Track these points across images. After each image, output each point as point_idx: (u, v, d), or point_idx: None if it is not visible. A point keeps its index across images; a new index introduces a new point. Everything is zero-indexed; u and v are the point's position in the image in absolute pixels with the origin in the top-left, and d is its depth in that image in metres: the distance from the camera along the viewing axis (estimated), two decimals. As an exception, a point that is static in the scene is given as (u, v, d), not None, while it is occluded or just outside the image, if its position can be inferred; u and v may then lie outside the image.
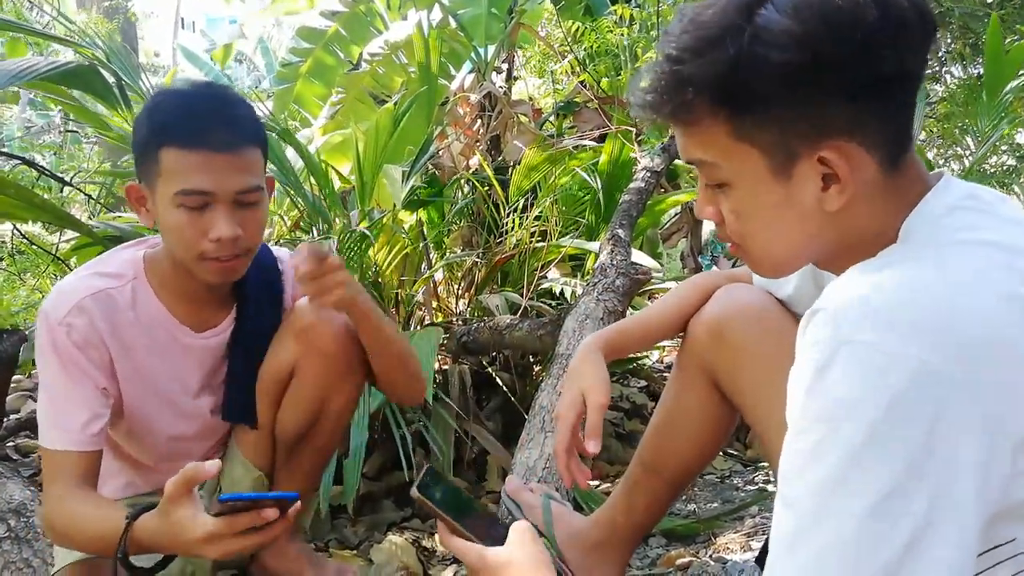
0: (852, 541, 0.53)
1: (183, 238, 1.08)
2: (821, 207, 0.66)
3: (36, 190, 2.97)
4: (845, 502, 0.53)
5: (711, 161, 0.69)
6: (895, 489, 0.52)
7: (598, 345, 1.06)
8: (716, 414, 1.04)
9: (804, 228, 0.68)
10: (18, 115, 11.13)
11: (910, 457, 0.53)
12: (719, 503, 2.09)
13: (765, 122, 0.64)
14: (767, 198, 0.67)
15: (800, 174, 0.65)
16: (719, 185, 0.70)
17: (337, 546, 1.83)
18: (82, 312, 1.11)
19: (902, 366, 0.53)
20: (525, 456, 1.28)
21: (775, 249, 0.71)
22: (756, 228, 0.70)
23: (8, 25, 2.42)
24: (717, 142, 0.67)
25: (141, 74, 2.44)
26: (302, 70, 4.42)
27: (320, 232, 2.24)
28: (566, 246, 2.42)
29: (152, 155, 1.06)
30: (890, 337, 0.54)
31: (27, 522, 1.28)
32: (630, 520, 1.10)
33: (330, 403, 1.27)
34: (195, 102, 1.08)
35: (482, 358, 2.35)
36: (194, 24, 25.63)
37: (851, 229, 0.68)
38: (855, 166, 0.64)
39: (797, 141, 0.64)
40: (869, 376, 0.54)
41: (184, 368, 1.23)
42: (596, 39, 3.32)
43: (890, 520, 0.52)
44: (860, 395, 0.54)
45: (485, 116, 3.05)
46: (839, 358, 0.55)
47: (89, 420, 1.11)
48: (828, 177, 0.65)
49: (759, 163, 0.66)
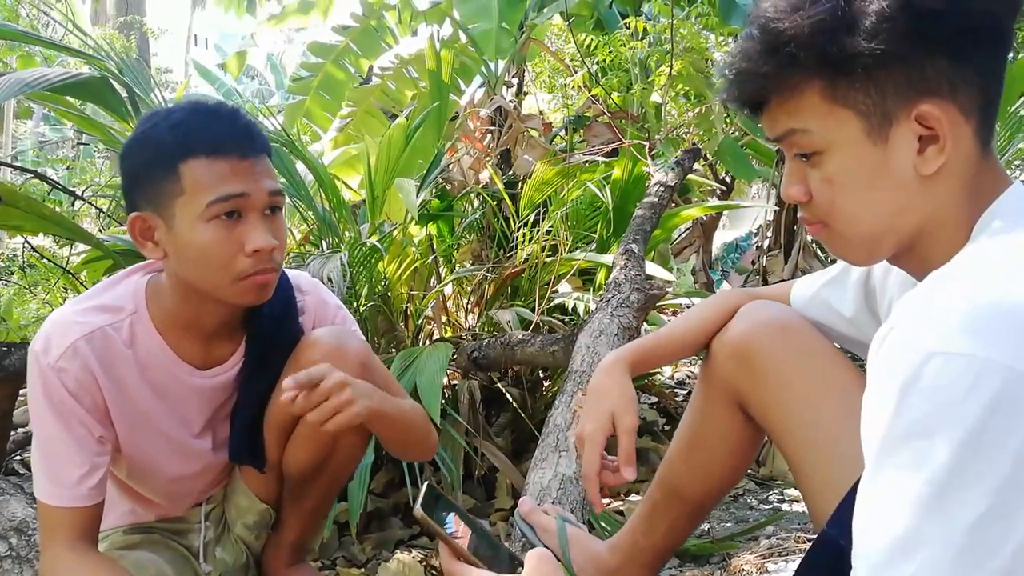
0: (959, 555, 0.52)
1: (216, 258, 1.00)
2: (917, 173, 0.66)
3: (47, 203, 2.98)
4: (949, 516, 0.52)
5: (803, 128, 0.68)
6: (998, 499, 0.51)
7: (623, 361, 1.02)
8: (741, 435, 1.00)
9: (897, 199, 0.67)
10: (32, 130, 11.26)
11: (1010, 466, 0.51)
12: (733, 523, 2.05)
13: (862, 82, 0.65)
14: (863, 163, 0.67)
15: (897, 137, 0.65)
16: (810, 156, 0.69)
17: (344, 564, 1.80)
18: (76, 355, 1.03)
19: (992, 374, 0.52)
20: (539, 476, 1.25)
21: (863, 224, 0.69)
22: (848, 198, 0.69)
23: (23, 36, 2.43)
24: (810, 107, 0.67)
25: (154, 88, 2.45)
26: (313, 84, 4.44)
27: (330, 245, 2.23)
28: (578, 260, 2.40)
29: (169, 174, 0.99)
30: (977, 346, 0.53)
31: (28, 540, 1.26)
32: (650, 544, 1.06)
33: (341, 443, 1.21)
34: (205, 115, 1.03)
35: (492, 374, 2.33)
36: (207, 40, 25.93)
37: (940, 210, 0.67)
38: (953, 126, 0.64)
39: (894, 101, 0.65)
40: (959, 387, 0.52)
41: (186, 408, 1.15)
42: (609, 52, 3.31)
43: (997, 530, 0.51)
44: (953, 407, 0.53)
45: (495, 130, 3.04)
46: (927, 371, 0.54)
47: (86, 473, 1.04)
48: (925, 140, 0.65)
49: (855, 126, 0.66)
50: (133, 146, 1.04)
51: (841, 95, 0.66)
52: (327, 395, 1.01)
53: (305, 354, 1.14)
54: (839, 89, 0.66)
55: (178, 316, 1.10)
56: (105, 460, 1.08)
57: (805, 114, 0.68)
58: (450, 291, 2.63)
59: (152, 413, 1.12)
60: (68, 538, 1.04)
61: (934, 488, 0.53)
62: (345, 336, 1.18)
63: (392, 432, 1.18)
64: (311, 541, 1.41)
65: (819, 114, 0.67)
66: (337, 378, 1.02)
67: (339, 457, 1.23)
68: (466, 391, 2.12)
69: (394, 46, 4.45)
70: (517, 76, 3.48)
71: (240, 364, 1.16)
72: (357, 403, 1.03)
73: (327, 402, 1.01)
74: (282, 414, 1.17)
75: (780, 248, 3.23)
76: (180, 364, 1.12)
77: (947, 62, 0.63)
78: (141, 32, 9.76)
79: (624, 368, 1.02)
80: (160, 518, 1.27)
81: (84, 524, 1.05)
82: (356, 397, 1.03)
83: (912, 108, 0.64)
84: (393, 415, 1.13)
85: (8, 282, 3.57)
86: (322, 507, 1.33)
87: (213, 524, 1.30)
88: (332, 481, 1.27)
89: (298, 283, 1.23)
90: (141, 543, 1.23)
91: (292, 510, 1.28)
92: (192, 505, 1.29)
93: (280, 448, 1.22)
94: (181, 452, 1.17)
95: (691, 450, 1.04)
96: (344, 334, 1.18)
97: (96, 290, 1.12)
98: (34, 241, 3.27)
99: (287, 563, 1.33)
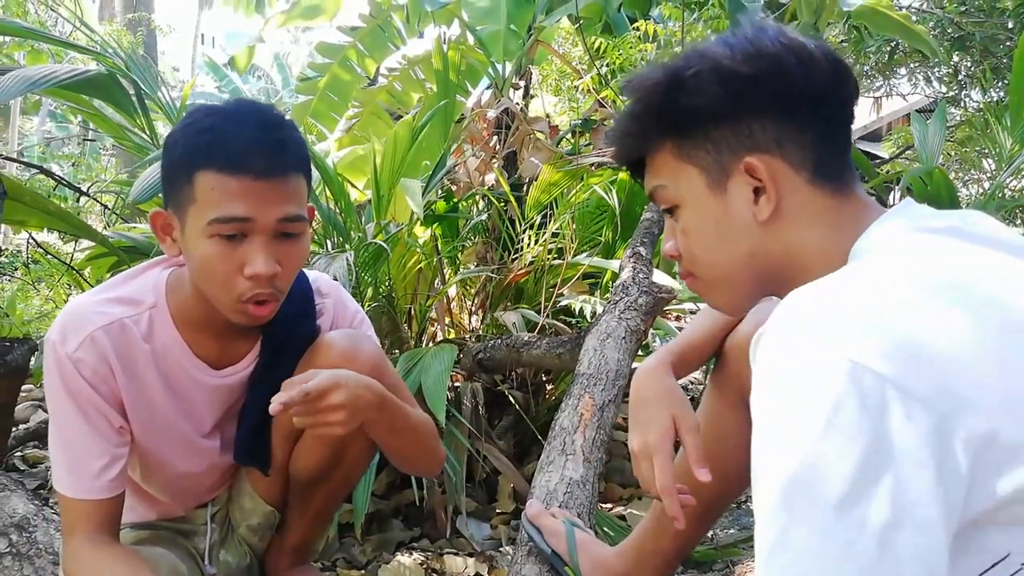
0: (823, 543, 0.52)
1: (215, 274, 0.97)
2: (755, 219, 0.73)
3: (53, 199, 2.98)
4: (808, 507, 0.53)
5: (661, 184, 0.79)
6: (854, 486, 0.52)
7: (666, 364, 1.00)
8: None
9: (744, 242, 0.75)
10: (38, 127, 11.28)
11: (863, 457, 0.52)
12: (736, 529, 2.04)
13: (701, 140, 0.75)
14: (708, 213, 0.76)
15: (733, 187, 0.74)
16: (671, 211, 0.79)
17: (345, 566, 1.79)
18: (93, 345, 1.01)
19: (842, 370, 0.53)
20: (545, 479, 1.23)
21: (718, 269, 0.77)
22: (701, 245, 0.77)
23: (30, 33, 2.43)
24: (665, 164, 0.78)
25: (161, 85, 2.44)
26: (319, 85, 4.44)
27: (335, 245, 2.22)
28: (584, 264, 2.39)
29: (185, 179, 0.96)
30: (828, 345, 0.55)
31: (29, 537, 1.24)
32: (659, 549, 1.04)
33: (348, 449, 1.19)
34: (237, 123, 0.96)
35: (496, 376, 2.31)
36: (214, 40, 26.00)
37: (796, 248, 0.73)
38: (778, 176, 0.73)
39: (728, 155, 0.74)
40: (811, 386, 0.54)
41: (197, 406, 1.13)
42: (619, 55, 3.29)
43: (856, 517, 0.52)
44: (805, 408, 0.54)
45: (502, 132, 3.03)
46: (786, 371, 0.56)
47: (106, 465, 1.03)
48: (758, 190, 0.73)
49: (699, 180, 0.76)
50: (168, 142, 1.01)
51: (686, 153, 0.76)
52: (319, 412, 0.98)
53: (318, 356, 1.12)
54: (684, 148, 0.76)
55: (195, 313, 1.07)
56: (124, 452, 1.07)
57: (662, 171, 0.78)
58: (454, 293, 2.62)
59: (164, 409, 1.10)
60: (89, 531, 1.03)
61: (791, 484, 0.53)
62: (359, 339, 1.15)
63: (396, 440, 1.15)
64: (315, 544, 1.40)
65: (671, 171, 0.77)
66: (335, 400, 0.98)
67: (347, 463, 1.21)
68: (469, 393, 2.11)
69: (401, 47, 4.45)
70: (524, 79, 3.47)
71: (253, 365, 1.14)
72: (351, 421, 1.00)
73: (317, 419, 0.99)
74: (289, 417, 1.16)
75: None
76: (196, 362, 1.10)
77: (770, 120, 0.72)
78: (149, 29, 9.78)
79: (668, 370, 1.00)
80: (162, 517, 1.25)
81: (105, 516, 1.04)
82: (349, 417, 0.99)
83: (740, 161, 0.73)
84: (397, 418, 1.10)
85: (12, 278, 3.57)
86: (327, 511, 1.31)
87: (219, 526, 1.29)
88: (338, 486, 1.26)
89: (318, 285, 1.20)
90: (149, 539, 1.22)
91: (297, 513, 1.27)
92: (196, 505, 1.27)
93: (287, 451, 1.20)
94: (190, 450, 1.16)
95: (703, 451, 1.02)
96: (358, 337, 1.16)
97: (116, 281, 1.10)
98: (39, 237, 3.26)
99: (290, 565, 1.32)
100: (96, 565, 1.01)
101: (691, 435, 0.95)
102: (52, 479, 1.05)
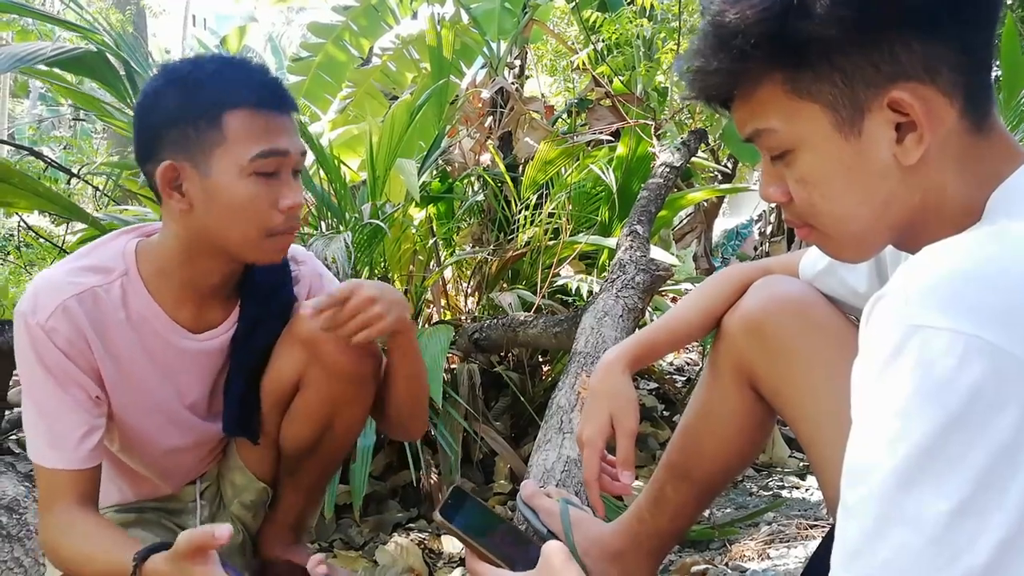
0: (925, 551, 0.46)
1: (254, 211, 0.99)
2: (898, 162, 0.60)
3: (43, 181, 2.95)
4: (918, 506, 0.47)
5: (769, 128, 0.64)
6: (979, 489, 0.46)
7: (622, 360, 0.99)
8: (753, 417, 0.97)
9: (880, 191, 0.62)
10: (28, 110, 11.17)
11: (993, 453, 0.46)
12: (732, 508, 2.04)
13: (825, 71, 0.60)
14: (837, 159, 0.62)
15: (871, 127, 0.60)
16: (782, 156, 0.64)
17: (342, 546, 1.79)
18: (66, 315, 0.99)
19: (978, 354, 0.47)
20: (542, 458, 1.23)
21: (850, 221, 0.64)
22: (827, 197, 0.64)
23: (16, 7, 2.39)
24: (773, 102, 0.63)
25: (152, 65, 2.41)
26: (313, 65, 4.40)
27: (329, 226, 2.20)
28: (580, 243, 2.37)
29: (212, 121, 0.97)
30: (964, 322, 0.48)
31: (19, 519, 1.24)
32: (656, 528, 1.03)
33: (339, 418, 1.18)
34: (244, 65, 1.02)
35: (491, 357, 2.31)
36: (204, 21, 25.77)
37: (934, 195, 0.62)
38: (932, 109, 0.59)
39: (863, 89, 0.60)
40: (941, 366, 0.47)
41: (178, 373, 1.12)
42: (616, 29, 3.25)
43: (973, 525, 0.46)
44: (935, 386, 0.48)
45: (497, 112, 3.00)
46: (910, 346, 0.49)
47: (85, 435, 1.02)
48: (903, 127, 0.60)
49: (823, 120, 0.61)
50: (167, 91, 1.00)
51: (804, 88, 0.61)
52: (355, 312, 1.01)
53: (301, 324, 1.12)
54: (801, 81, 0.61)
55: (173, 277, 1.07)
56: (102, 423, 1.06)
57: (768, 111, 0.63)
58: (450, 274, 2.61)
59: (144, 380, 1.09)
60: (70, 500, 1.01)
61: (905, 474, 0.48)
62: None
63: (406, 379, 1.17)
64: (309, 521, 1.39)
65: (783, 110, 0.63)
66: (367, 293, 1.02)
67: (337, 432, 1.20)
68: (466, 374, 2.10)
69: (395, 27, 4.40)
70: (519, 58, 3.44)
71: (233, 329, 1.14)
72: (389, 316, 1.03)
73: (355, 319, 1.02)
74: (278, 389, 1.16)
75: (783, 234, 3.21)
76: (172, 325, 1.09)
77: (918, 42, 0.58)
78: (139, 8, 9.66)
79: (623, 367, 0.98)
80: (149, 496, 1.24)
81: (86, 486, 1.03)
82: (386, 311, 1.03)
83: (884, 95, 0.59)
84: (415, 347, 1.15)
85: (4, 261, 3.55)
86: (319, 485, 1.31)
87: (208, 503, 1.28)
88: (330, 457, 1.25)
89: (293, 253, 1.21)
90: (134, 522, 1.21)
91: (289, 488, 1.26)
92: (185, 483, 1.27)
93: (277, 423, 1.19)
94: (174, 423, 1.15)
95: (700, 430, 1.00)
96: None
97: (83, 252, 1.08)
98: (30, 220, 3.24)
99: (285, 543, 1.31)
100: (82, 533, 1.00)
101: (624, 439, 0.95)
102: (28, 451, 1.04)
